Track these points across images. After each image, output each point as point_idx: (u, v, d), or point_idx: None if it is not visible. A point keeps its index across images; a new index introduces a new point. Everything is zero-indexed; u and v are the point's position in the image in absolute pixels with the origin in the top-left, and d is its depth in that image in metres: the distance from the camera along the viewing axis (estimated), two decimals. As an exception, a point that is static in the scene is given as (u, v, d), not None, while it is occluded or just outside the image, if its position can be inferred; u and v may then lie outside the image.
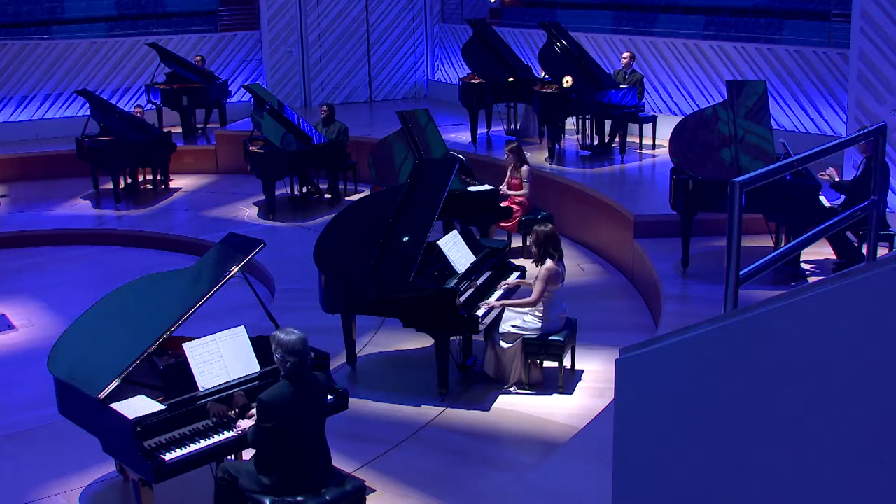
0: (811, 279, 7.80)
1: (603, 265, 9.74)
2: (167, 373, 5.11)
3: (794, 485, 2.49)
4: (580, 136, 12.80)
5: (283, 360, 4.62)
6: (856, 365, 2.36)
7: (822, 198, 7.93)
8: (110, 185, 12.92)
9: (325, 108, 12.49)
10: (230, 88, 15.77)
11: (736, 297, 3.28)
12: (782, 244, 8.10)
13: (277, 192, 12.12)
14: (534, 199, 9.98)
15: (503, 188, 9.92)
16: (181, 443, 4.86)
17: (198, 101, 15.00)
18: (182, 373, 5.07)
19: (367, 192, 10.31)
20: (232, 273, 5.35)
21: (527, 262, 8.01)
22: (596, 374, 7.04)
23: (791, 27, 12.26)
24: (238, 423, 4.97)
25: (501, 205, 9.63)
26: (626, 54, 12.25)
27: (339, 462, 5.22)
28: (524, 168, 9.82)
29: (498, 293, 7.10)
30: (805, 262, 8.12)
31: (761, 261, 3.61)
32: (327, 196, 12.53)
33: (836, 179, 8.08)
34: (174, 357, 5.28)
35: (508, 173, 9.99)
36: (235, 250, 5.59)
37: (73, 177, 13.81)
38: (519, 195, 9.80)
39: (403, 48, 17.97)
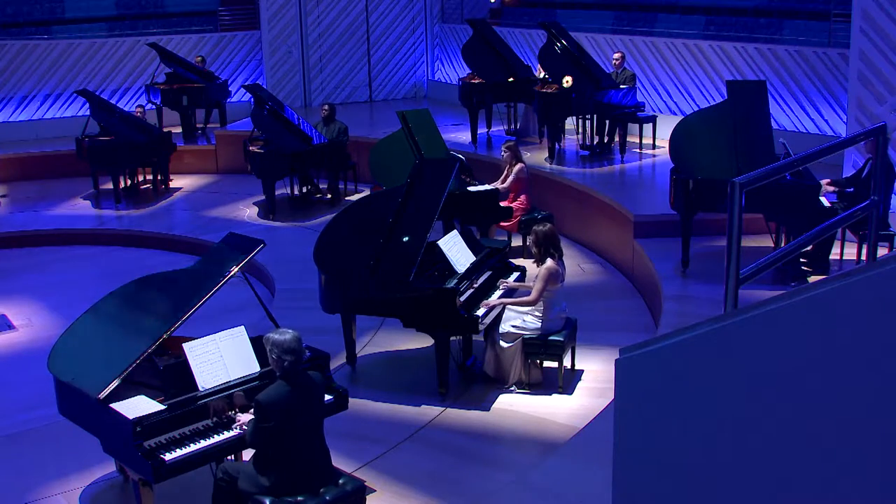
0: (811, 279, 7.80)
1: (603, 265, 9.74)
2: (167, 373, 5.11)
3: (794, 484, 2.49)
4: (580, 136, 12.80)
5: (279, 360, 4.62)
6: (856, 365, 2.36)
7: (822, 198, 7.93)
8: (110, 185, 12.92)
9: (325, 107, 12.50)
10: (230, 88, 15.77)
11: (736, 297, 3.29)
12: (782, 244, 8.09)
13: (277, 192, 12.12)
14: (529, 195, 9.96)
15: (498, 185, 9.92)
16: (181, 443, 4.86)
17: (198, 101, 15.00)
18: (182, 373, 5.07)
19: (367, 192, 10.31)
20: (232, 273, 5.35)
21: (527, 262, 8.01)
22: (596, 374, 7.04)
23: (791, 27, 12.26)
24: (238, 418, 4.98)
25: (501, 204, 9.64)
26: (616, 55, 12.27)
27: (339, 462, 5.22)
28: (518, 166, 9.83)
29: (498, 293, 7.10)
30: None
31: (761, 261, 3.61)
32: (327, 196, 12.53)
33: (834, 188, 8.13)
34: (174, 357, 5.27)
35: (505, 172, 10.01)
36: (235, 250, 5.59)
37: (73, 177, 13.82)
38: (503, 187, 9.79)
39: (403, 48, 17.97)
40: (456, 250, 7.01)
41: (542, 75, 12.67)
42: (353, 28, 17.51)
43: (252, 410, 4.86)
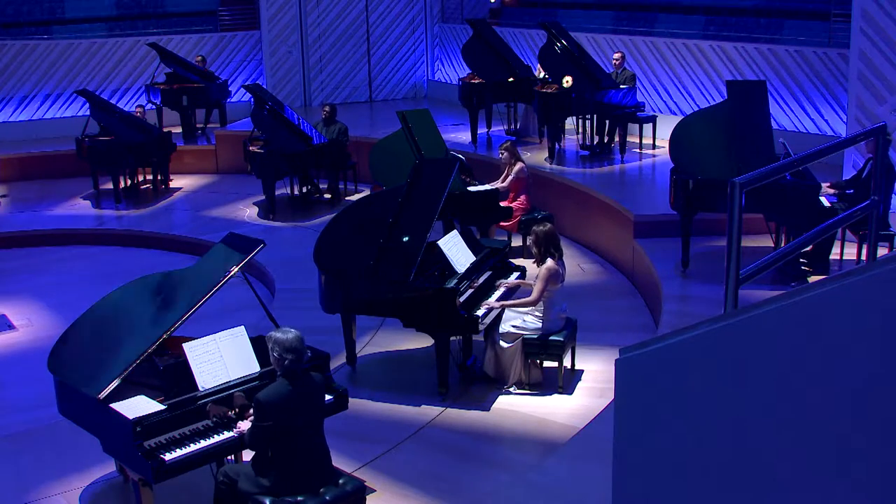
0: (811, 279, 7.80)
1: (603, 265, 9.74)
2: (167, 373, 5.11)
3: (794, 484, 2.49)
4: (580, 136, 12.80)
5: (280, 359, 4.62)
6: (856, 365, 2.36)
7: (821, 198, 7.93)
8: (110, 185, 12.92)
9: (326, 108, 12.50)
10: (230, 88, 15.77)
11: (736, 297, 3.29)
12: (782, 244, 8.09)
13: (277, 192, 12.12)
14: (528, 195, 9.96)
15: (498, 185, 9.93)
16: (181, 443, 4.86)
17: (198, 101, 15.00)
18: (182, 373, 5.07)
19: (367, 192, 10.31)
20: (232, 273, 5.35)
21: (527, 262, 8.01)
22: (596, 374, 7.04)
23: (791, 27, 12.26)
24: (237, 425, 4.97)
25: (501, 204, 9.64)
26: (616, 55, 12.27)
27: (339, 462, 5.22)
28: (517, 166, 9.84)
29: (498, 293, 7.10)
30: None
31: (761, 261, 3.61)
32: (327, 196, 12.53)
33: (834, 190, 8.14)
34: (174, 357, 5.27)
35: (504, 172, 10.02)
36: (235, 250, 5.59)
37: (73, 177, 13.83)
38: (502, 186, 9.80)
39: (403, 48, 17.97)
40: (456, 250, 7.01)
41: (542, 75, 12.67)
42: (353, 28, 17.51)
43: (251, 410, 4.86)
